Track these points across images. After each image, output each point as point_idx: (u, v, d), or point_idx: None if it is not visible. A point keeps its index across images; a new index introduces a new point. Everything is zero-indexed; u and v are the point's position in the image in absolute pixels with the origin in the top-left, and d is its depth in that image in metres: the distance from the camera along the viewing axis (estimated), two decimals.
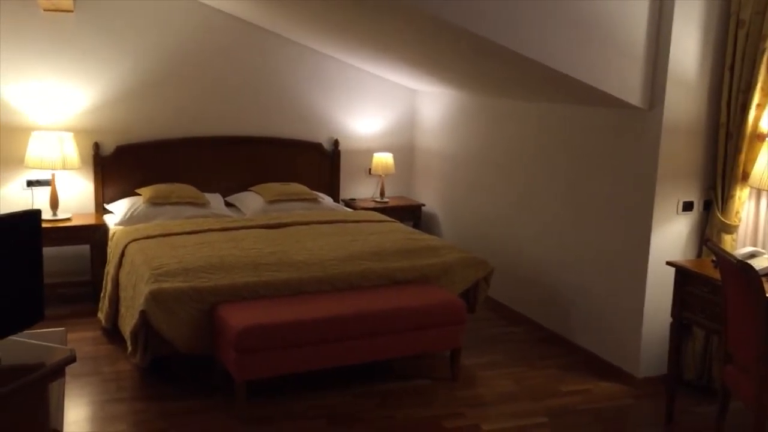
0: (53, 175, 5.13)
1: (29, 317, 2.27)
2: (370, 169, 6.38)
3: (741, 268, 2.85)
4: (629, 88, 3.85)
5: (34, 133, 5.05)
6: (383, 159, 6.27)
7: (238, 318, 3.59)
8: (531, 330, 4.93)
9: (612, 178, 4.23)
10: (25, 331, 2.31)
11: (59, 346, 2.36)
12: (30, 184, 5.26)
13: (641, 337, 4.05)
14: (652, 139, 3.91)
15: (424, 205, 6.39)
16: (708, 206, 4.01)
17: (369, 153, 6.38)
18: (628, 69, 3.83)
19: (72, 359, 2.25)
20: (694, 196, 4.02)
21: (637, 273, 4.05)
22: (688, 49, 3.81)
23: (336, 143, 6.26)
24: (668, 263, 3.71)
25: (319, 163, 6.21)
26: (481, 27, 3.51)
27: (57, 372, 2.22)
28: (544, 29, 3.63)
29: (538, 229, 4.92)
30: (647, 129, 3.94)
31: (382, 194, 6.35)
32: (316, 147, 6.19)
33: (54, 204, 5.14)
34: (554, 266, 4.76)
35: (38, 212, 2.30)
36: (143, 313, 3.63)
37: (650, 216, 3.95)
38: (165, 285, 3.75)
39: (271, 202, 5.54)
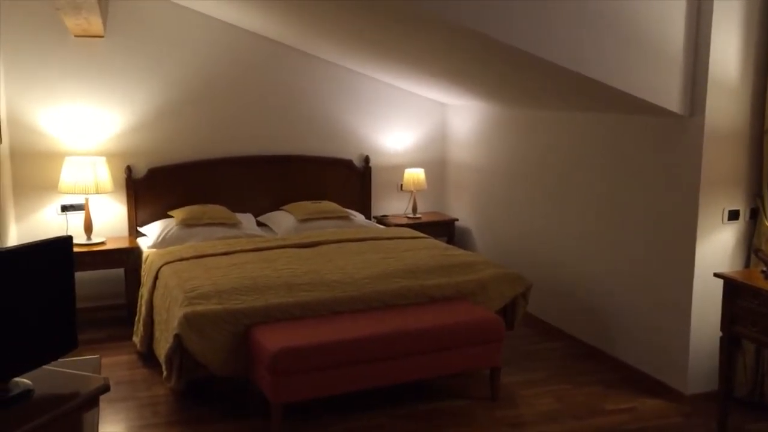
0: (87, 200, 5.16)
1: (62, 346, 2.24)
2: (401, 185, 6.32)
3: None
4: (668, 94, 3.74)
5: (67, 158, 5.08)
6: (415, 174, 6.20)
7: (272, 340, 3.53)
8: (571, 346, 4.80)
9: (652, 188, 4.10)
10: (59, 360, 2.27)
11: (93, 375, 2.32)
12: (64, 209, 5.29)
13: (689, 351, 3.91)
14: (694, 147, 3.78)
15: (457, 220, 6.30)
16: (755, 215, 3.87)
17: (400, 169, 6.32)
18: (666, 74, 3.71)
19: (106, 388, 2.20)
20: (740, 205, 3.87)
21: (682, 285, 3.92)
22: (728, 51, 3.68)
23: (367, 159, 6.21)
24: (716, 275, 3.56)
25: (350, 180, 6.16)
26: (512, 36, 3.44)
27: (91, 402, 2.18)
28: (577, 36, 3.54)
29: (576, 242, 4.80)
30: (688, 136, 3.82)
31: (414, 210, 6.28)
32: (346, 164, 6.15)
33: (88, 228, 5.16)
34: (594, 280, 4.63)
35: (70, 238, 2.27)
36: (177, 337, 3.59)
37: (695, 226, 3.82)
38: (199, 308, 3.71)
39: (303, 220, 5.50)
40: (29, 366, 2.12)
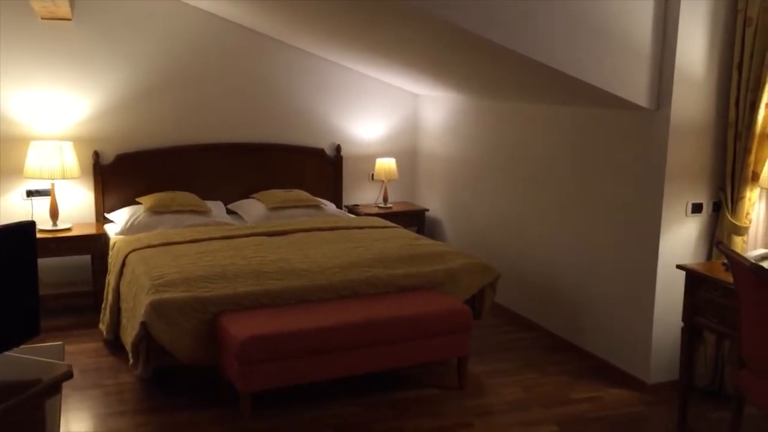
0: (53, 185, 5.08)
1: (25, 332, 2.21)
2: (372, 175, 6.32)
3: (754, 271, 2.78)
4: (635, 88, 3.79)
5: (33, 143, 5.00)
6: (386, 164, 6.21)
7: (240, 328, 3.52)
8: (539, 336, 4.86)
9: (619, 180, 4.16)
10: (21, 347, 2.24)
11: (56, 361, 2.30)
12: (30, 194, 5.21)
13: (651, 342, 3.98)
14: (660, 141, 3.84)
15: (428, 210, 6.33)
16: (717, 208, 3.94)
17: (372, 158, 6.32)
18: (634, 69, 3.76)
19: (69, 375, 2.18)
20: (704, 198, 3.94)
21: (646, 277, 3.98)
22: (694, 48, 3.74)
23: (338, 149, 6.20)
24: (678, 266, 3.64)
25: (321, 169, 6.15)
26: (485, 30, 3.45)
27: (53, 388, 2.16)
28: (548, 31, 3.57)
29: (544, 233, 4.85)
30: (654, 130, 3.88)
31: (385, 200, 6.29)
32: (318, 153, 6.13)
33: (54, 214, 5.09)
34: (561, 271, 4.69)
35: (32, 224, 2.23)
36: (144, 324, 3.57)
37: (659, 218, 3.88)
38: (166, 295, 3.68)
39: (273, 209, 5.48)
40: None
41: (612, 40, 3.69)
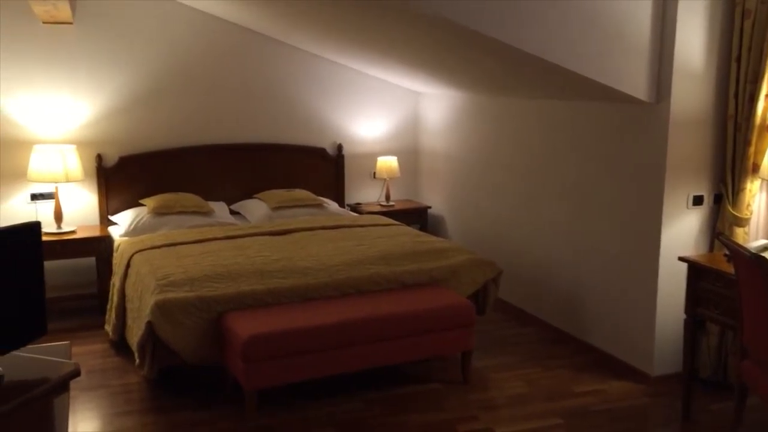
0: (56, 188, 5.11)
1: (32, 332, 2.23)
2: (374, 173, 6.34)
3: (755, 262, 2.79)
4: (635, 82, 3.80)
5: (36, 147, 5.03)
6: (388, 162, 6.23)
7: (244, 327, 3.54)
8: (542, 330, 4.87)
9: (620, 174, 4.17)
10: (29, 346, 2.27)
11: (63, 360, 2.32)
12: (34, 197, 5.23)
13: (654, 334, 3.99)
14: (660, 134, 3.85)
15: (430, 207, 6.34)
16: (718, 200, 3.95)
17: (373, 157, 6.34)
18: (633, 63, 3.77)
19: (76, 373, 2.20)
20: (704, 190, 3.95)
21: (648, 269, 3.99)
22: (693, 41, 3.75)
23: (340, 148, 6.22)
24: (680, 259, 3.65)
25: (323, 169, 6.17)
26: (483, 24, 3.47)
27: (61, 387, 2.18)
28: (546, 25, 3.58)
29: (546, 228, 4.86)
30: (654, 123, 3.89)
31: (387, 198, 6.31)
32: (319, 152, 6.15)
33: (58, 217, 5.11)
34: (563, 265, 4.70)
35: (38, 224, 2.26)
36: (149, 324, 3.59)
37: (660, 211, 3.89)
38: (170, 295, 3.71)
39: (276, 208, 5.50)
40: None
41: (610, 33, 3.70)
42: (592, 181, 4.40)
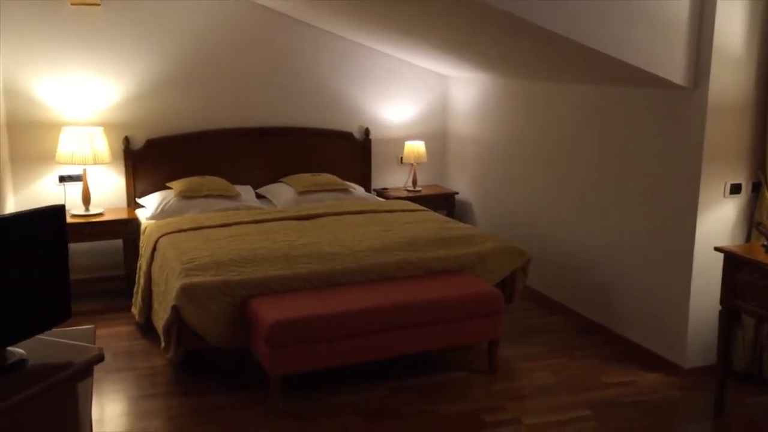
0: (84, 171, 5.12)
1: (56, 315, 2.22)
2: (401, 158, 6.27)
3: None
4: (672, 66, 3.68)
5: (64, 129, 5.04)
6: (415, 147, 6.16)
7: (270, 311, 3.52)
8: (570, 320, 4.79)
9: (654, 161, 4.06)
10: (53, 330, 2.26)
11: (87, 344, 2.31)
12: (62, 179, 5.26)
13: (688, 325, 3.89)
14: (697, 120, 3.73)
15: (457, 193, 6.27)
16: (757, 188, 3.83)
17: (400, 141, 6.27)
18: (670, 46, 3.65)
19: (100, 358, 2.19)
20: (742, 178, 3.83)
21: (682, 259, 3.89)
22: (733, 22, 3.62)
23: (367, 132, 6.16)
24: (716, 249, 3.54)
25: (350, 153, 6.12)
26: (516, 6, 3.38)
27: (85, 371, 2.17)
28: (580, 7, 3.48)
29: (577, 215, 4.77)
30: (691, 109, 3.77)
31: (414, 183, 6.24)
32: (346, 136, 6.10)
33: (86, 199, 5.13)
34: (594, 254, 4.61)
35: (62, 207, 2.24)
36: (175, 308, 3.59)
37: (696, 200, 3.78)
38: (196, 279, 3.70)
39: (302, 193, 5.47)
40: (22, 335, 2.10)
41: (647, 16, 3.58)
42: (625, 168, 4.29)
